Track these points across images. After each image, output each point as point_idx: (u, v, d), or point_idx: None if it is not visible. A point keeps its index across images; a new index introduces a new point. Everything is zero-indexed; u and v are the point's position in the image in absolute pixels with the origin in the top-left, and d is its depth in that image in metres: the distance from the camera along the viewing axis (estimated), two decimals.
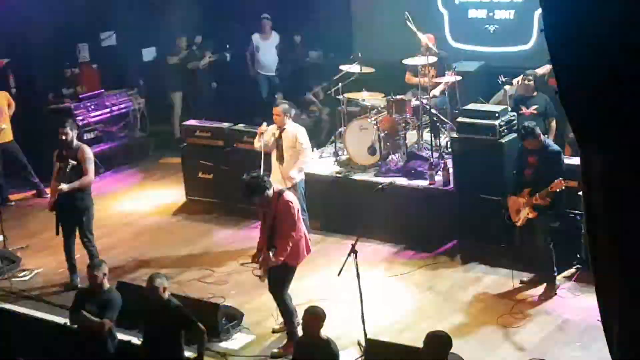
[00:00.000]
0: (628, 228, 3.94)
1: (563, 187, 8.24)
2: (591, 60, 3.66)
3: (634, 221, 3.91)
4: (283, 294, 8.12)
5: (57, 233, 9.58)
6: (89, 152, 9.48)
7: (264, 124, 9.83)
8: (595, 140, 3.89)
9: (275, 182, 9.72)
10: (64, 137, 9.36)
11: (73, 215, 9.48)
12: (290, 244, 7.94)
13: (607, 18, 3.55)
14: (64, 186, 9.23)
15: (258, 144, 9.78)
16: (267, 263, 7.98)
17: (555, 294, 8.64)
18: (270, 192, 7.98)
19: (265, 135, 9.73)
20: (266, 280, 8.07)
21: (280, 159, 9.71)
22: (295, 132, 9.74)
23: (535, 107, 10.16)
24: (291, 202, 8.04)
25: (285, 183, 9.65)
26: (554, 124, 10.25)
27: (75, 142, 9.49)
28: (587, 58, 3.68)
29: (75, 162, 9.28)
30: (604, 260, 4.14)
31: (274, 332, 8.42)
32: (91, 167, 9.42)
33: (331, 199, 10.64)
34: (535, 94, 10.26)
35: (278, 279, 8.08)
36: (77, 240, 9.65)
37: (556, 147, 8.79)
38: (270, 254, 7.88)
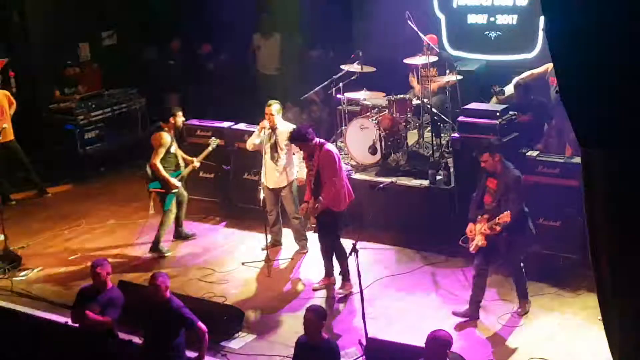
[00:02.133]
0: (629, 227, 3.94)
1: (508, 220, 7.86)
2: (593, 59, 3.67)
3: (635, 220, 3.91)
4: (334, 239, 8.93)
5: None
6: None
7: (265, 121, 9.81)
8: (596, 139, 3.89)
9: (269, 181, 9.74)
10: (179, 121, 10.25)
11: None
12: (333, 190, 8.72)
13: (610, 17, 3.56)
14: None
15: (258, 139, 9.76)
16: (314, 210, 8.89)
17: (527, 312, 8.28)
18: (311, 144, 8.87)
19: (260, 135, 9.76)
20: (269, 276, 8.09)
21: (274, 158, 9.71)
22: (289, 130, 9.78)
23: (530, 113, 10.14)
24: (332, 152, 8.90)
25: (280, 183, 9.70)
26: (553, 122, 10.25)
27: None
28: (589, 57, 3.68)
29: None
30: (605, 259, 4.14)
31: (314, 290, 9.09)
32: None
33: None
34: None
35: (327, 225, 8.93)
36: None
37: (516, 173, 8.17)
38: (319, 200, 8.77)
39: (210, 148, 10.40)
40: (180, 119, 10.24)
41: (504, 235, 8.00)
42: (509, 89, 10.69)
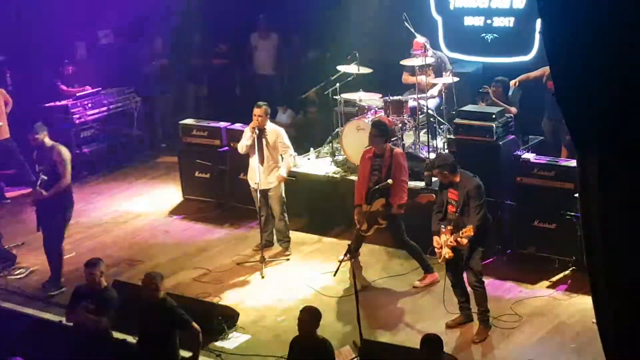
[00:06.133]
0: (624, 229, 3.95)
1: (472, 234, 7.79)
2: (589, 63, 3.67)
3: (630, 222, 3.91)
4: (405, 237, 9.11)
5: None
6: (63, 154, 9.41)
7: (255, 121, 9.74)
8: (592, 142, 3.90)
9: (259, 183, 9.68)
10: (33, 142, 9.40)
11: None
12: (406, 189, 8.98)
13: (605, 21, 3.56)
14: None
15: (249, 141, 9.68)
16: (398, 211, 8.90)
17: (488, 335, 8.11)
18: (387, 143, 9.04)
19: (249, 137, 9.70)
20: (263, 276, 8.02)
21: (261, 159, 9.66)
22: (277, 132, 9.75)
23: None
24: (403, 153, 9.26)
25: (269, 184, 9.67)
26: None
27: (50, 143, 9.46)
28: (585, 61, 3.69)
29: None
30: (601, 261, 4.14)
31: (414, 287, 9.12)
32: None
33: (328, 199, 10.64)
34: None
35: (399, 226, 9.07)
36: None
37: (475, 182, 8.02)
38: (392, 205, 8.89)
39: None
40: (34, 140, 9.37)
41: (467, 244, 7.96)
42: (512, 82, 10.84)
